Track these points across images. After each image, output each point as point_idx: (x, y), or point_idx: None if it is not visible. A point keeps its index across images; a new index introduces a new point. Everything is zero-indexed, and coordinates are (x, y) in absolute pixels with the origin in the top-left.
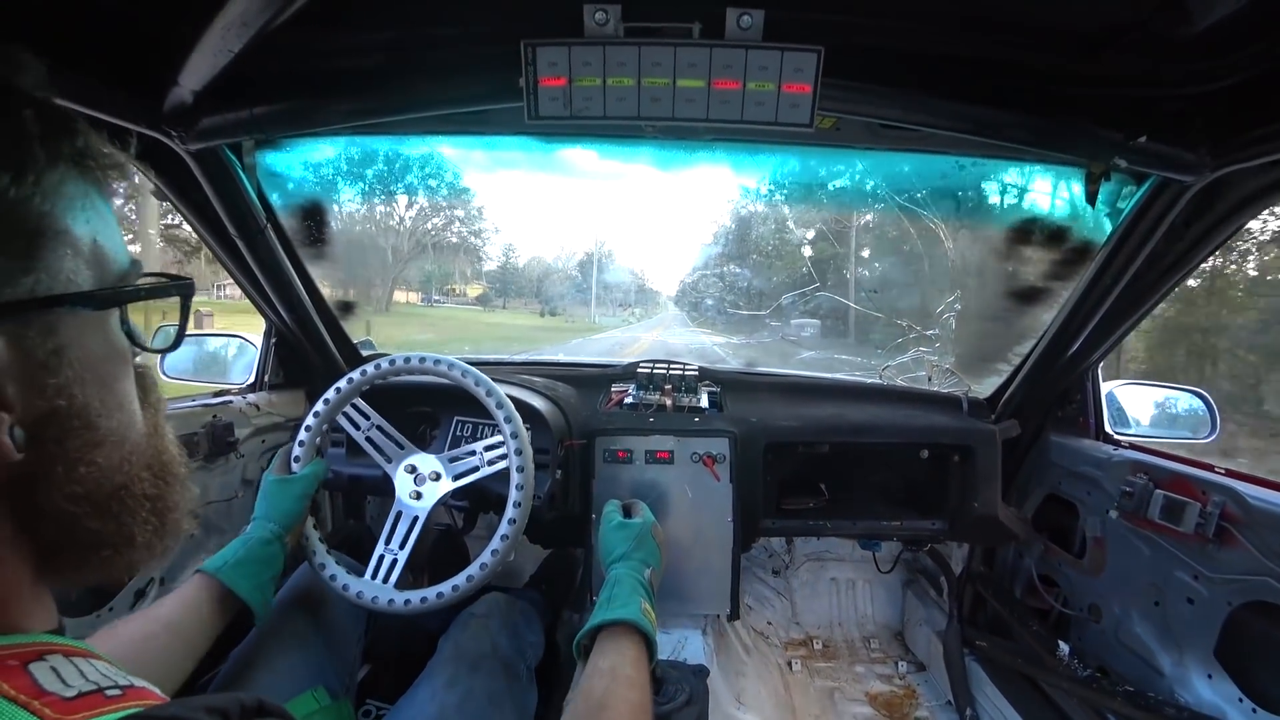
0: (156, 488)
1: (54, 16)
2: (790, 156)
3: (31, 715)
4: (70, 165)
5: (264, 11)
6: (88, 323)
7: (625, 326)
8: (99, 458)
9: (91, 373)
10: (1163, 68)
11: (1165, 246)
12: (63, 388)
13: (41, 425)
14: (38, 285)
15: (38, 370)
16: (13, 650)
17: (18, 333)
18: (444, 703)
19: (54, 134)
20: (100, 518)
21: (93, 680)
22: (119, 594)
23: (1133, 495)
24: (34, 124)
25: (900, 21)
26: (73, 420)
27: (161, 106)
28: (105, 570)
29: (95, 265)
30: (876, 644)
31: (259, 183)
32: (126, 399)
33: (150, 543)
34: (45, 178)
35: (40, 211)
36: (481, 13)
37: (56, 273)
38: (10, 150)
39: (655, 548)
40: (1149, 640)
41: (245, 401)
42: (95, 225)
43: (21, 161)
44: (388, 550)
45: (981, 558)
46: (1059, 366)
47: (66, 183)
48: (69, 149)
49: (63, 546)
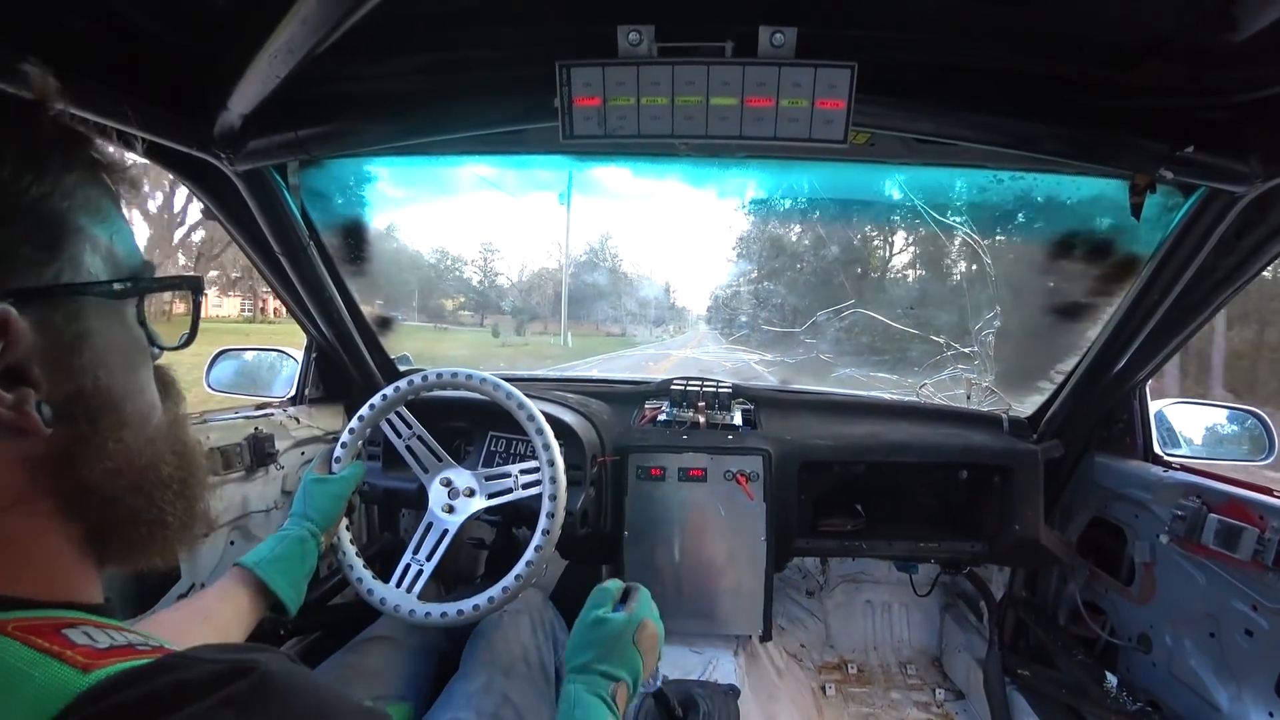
0: (181, 471)
1: (117, 50)
2: (824, 172)
3: (62, 663)
4: (85, 170)
5: (309, 39)
6: (107, 311)
7: (659, 343)
8: (125, 436)
9: (113, 358)
10: (1208, 76)
11: (1215, 260)
12: (86, 369)
13: (70, 403)
14: (61, 274)
15: (63, 352)
16: (47, 620)
17: (44, 316)
18: (478, 709)
19: (69, 142)
20: (135, 494)
21: (124, 640)
22: (161, 599)
23: (1185, 519)
24: (51, 131)
25: (935, 35)
26: (98, 399)
27: (212, 130)
28: (145, 550)
29: (110, 262)
30: (913, 670)
31: (302, 202)
32: (146, 386)
33: (184, 525)
34: (63, 180)
35: (60, 209)
36: (517, 35)
37: (78, 265)
38: (33, 154)
39: (633, 655)
40: (1204, 674)
41: (285, 414)
42: (110, 227)
43: (42, 164)
44: (414, 560)
45: (1023, 582)
46: (1104, 384)
47: (82, 186)
48: (83, 156)
49: (105, 523)
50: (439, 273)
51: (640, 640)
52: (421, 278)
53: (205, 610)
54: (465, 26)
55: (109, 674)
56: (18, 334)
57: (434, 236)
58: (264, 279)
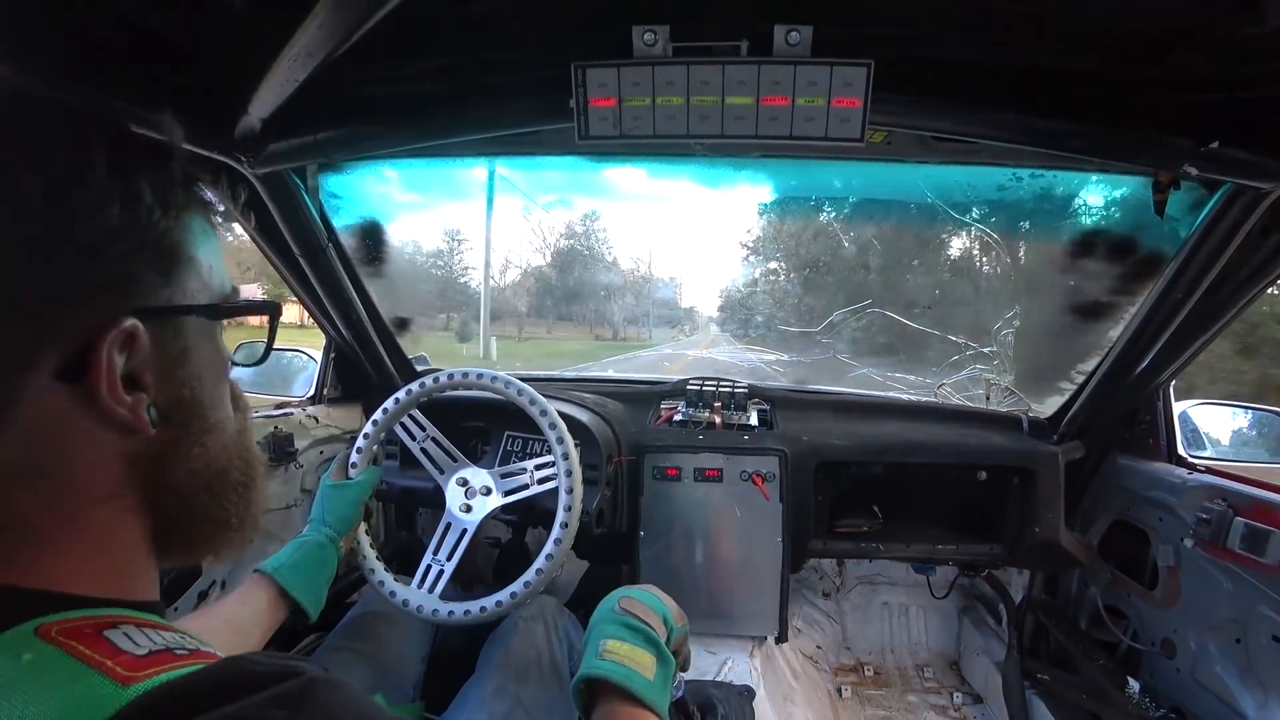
0: (245, 476)
1: (139, 56)
2: (840, 172)
3: (103, 675)
4: (199, 204)
5: (327, 43)
6: (204, 330)
7: (674, 343)
8: (208, 442)
9: (206, 371)
10: (1234, 69)
11: (1242, 257)
12: (186, 380)
13: (171, 408)
14: (175, 296)
15: (170, 364)
16: (90, 620)
17: (157, 332)
18: (491, 712)
19: (189, 182)
20: (208, 494)
21: (162, 643)
22: (183, 596)
23: (1210, 522)
24: (179, 173)
25: (952, 32)
26: (191, 407)
27: (233, 134)
28: (208, 545)
29: (208, 286)
30: (930, 673)
31: (321, 204)
32: (225, 399)
33: (242, 525)
34: (184, 214)
35: (178, 241)
36: (532, 37)
37: (186, 288)
38: (166, 192)
39: (622, 589)
40: (1229, 680)
41: (305, 414)
42: (210, 256)
43: (170, 201)
44: (435, 560)
45: (1043, 585)
46: (1126, 385)
47: (194, 220)
48: (197, 195)
49: (178, 519)
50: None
51: (626, 590)
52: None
53: (226, 615)
54: (481, 29)
55: (147, 689)
56: (141, 346)
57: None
58: (283, 280)
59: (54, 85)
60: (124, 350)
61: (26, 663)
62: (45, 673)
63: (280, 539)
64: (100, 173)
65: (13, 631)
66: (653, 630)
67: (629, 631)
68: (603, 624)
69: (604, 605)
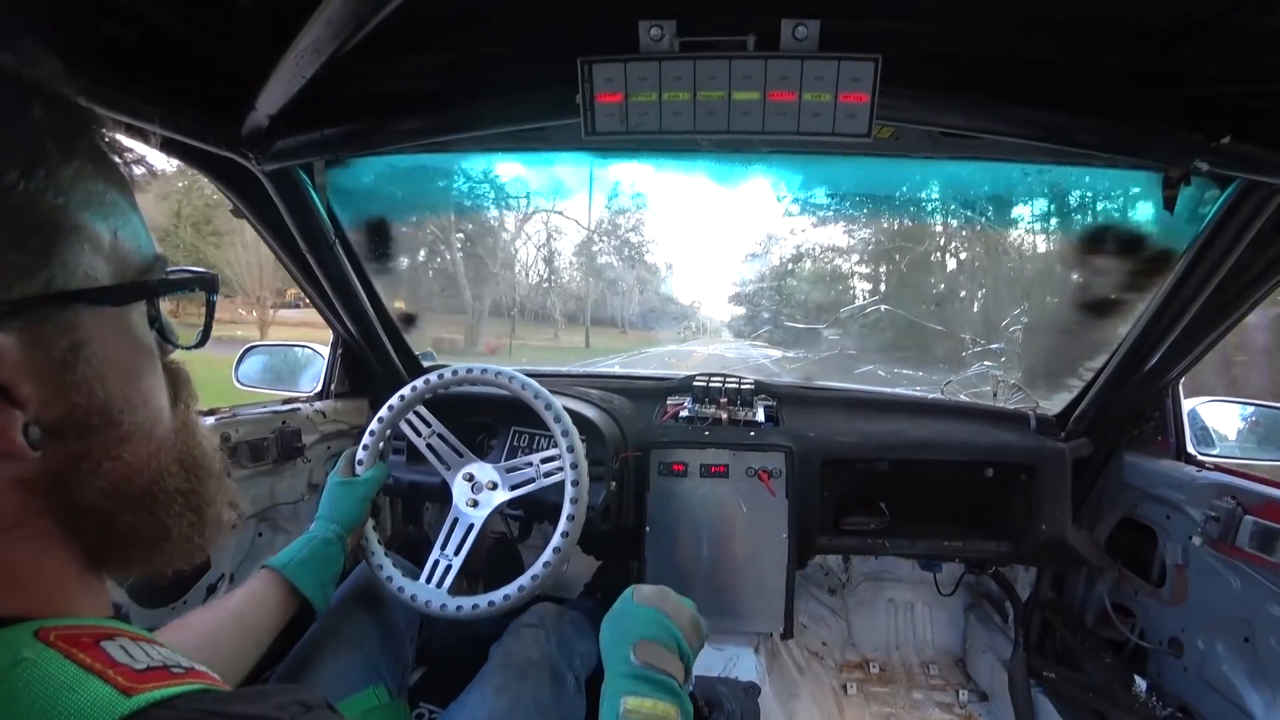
0: (189, 482)
1: (147, 53)
2: (847, 167)
3: (105, 683)
4: (86, 160)
5: (334, 39)
6: (107, 318)
7: (681, 340)
8: (125, 453)
9: (112, 369)
10: (1246, 63)
11: (1253, 254)
12: (81, 384)
13: (62, 423)
14: (53, 281)
15: (55, 368)
16: (87, 630)
17: (34, 330)
18: (493, 709)
19: (67, 129)
20: (134, 512)
21: (158, 659)
22: (192, 589)
23: (1219, 521)
24: (45, 119)
25: (960, 26)
26: (93, 417)
27: (240, 130)
28: (147, 562)
29: (115, 260)
30: (936, 670)
31: (328, 200)
32: (152, 395)
33: (188, 535)
34: (59, 173)
35: (53, 206)
36: (539, 32)
37: (74, 268)
38: (19, 145)
39: (637, 612)
40: (1237, 679)
41: (312, 409)
42: (115, 220)
43: (32, 156)
44: (443, 556)
45: (1050, 583)
46: (1135, 382)
47: (83, 178)
48: (85, 145)
49: (103, 540)
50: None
51: (642, 597)
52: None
53: (235, 611)
54: (488, 24)
55: (150, 701)
56: (0, 353)
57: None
58: (290, 276)
59: (60, 81)
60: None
61: (29, 660)
62: (48, 673)
63: (288, 533)
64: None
65: (11, 630)
66: (672, 678)
67: (649, 685)
68: (621, 678)
69: (617, 647)
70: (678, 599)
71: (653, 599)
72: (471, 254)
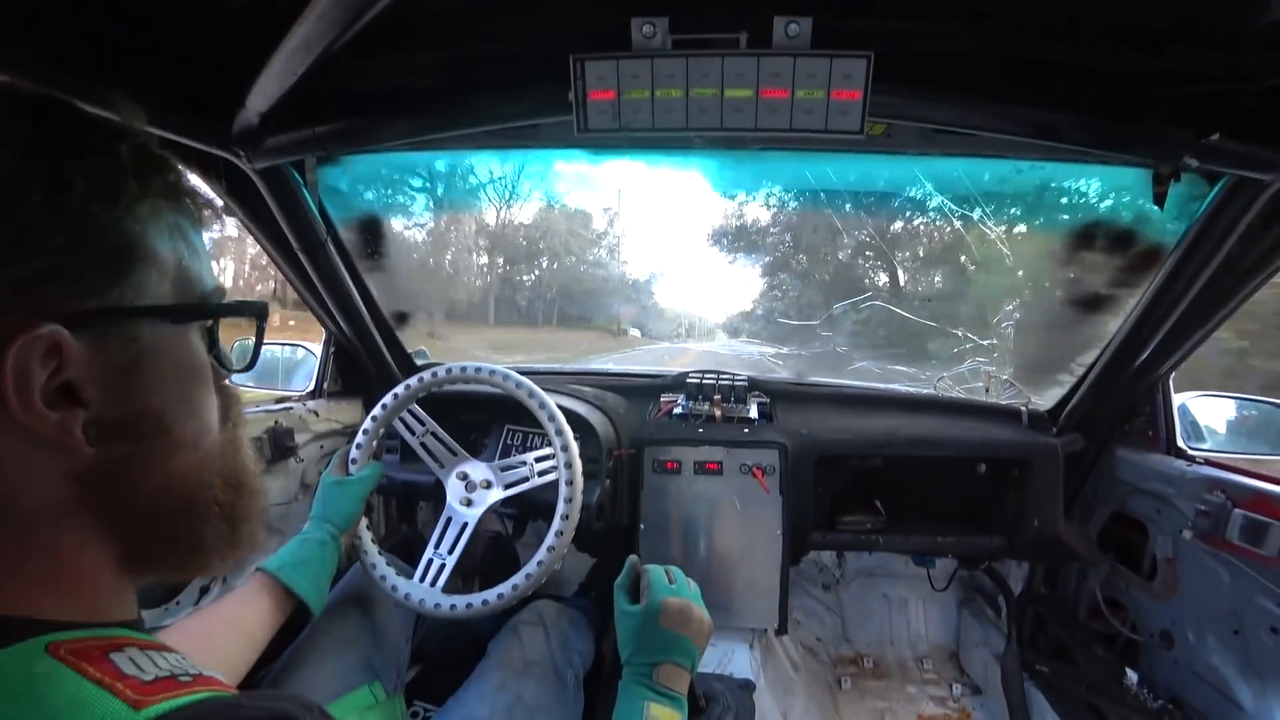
0: (228, 495)
1: (136, 50)
2: (840, 164)
3: (114, 697)
4: (161, 197)
5: (325, 36)
6: (167, 336)
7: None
8: (173, 460)
9: (168, 382)
10: (1236, 60)
11: (1242, 250)
12: (138, 392)
13: (118, 425)
14: (123, 298)
15: (117, 374)
16: (96, 642)
17: (101, 339)
18: (492, 706)
19: (146, 168)
20: (175, 517)
21: (166, 668)
22: (184, 590)
23: (1209, 514)
24: (129, 159)
25: (952, 24)
26: (147, 423)
27: (231, 128)
28: (180, 569)
29: (179, 285)
30: (930, 664)
31: (320, 198)
32: (203, 409)
33: (221, 548)
34: (137, 206)
35: (130, 234)
36: (531, 29)
37: (142, 288)
38: (105, 179)
39: (667, 637)
40: (1227, 671)
41: (305, 408)
42: (181, 250)
43: (115, 189)
44: (437, 554)
45: (1043, 578)
46: (1126, 377)
47: (158, 213)
48: (160, 183)
49: (142, 541)
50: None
51: (669, 621)
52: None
53: (229, 616)
54: (480, 21)
55: (159, 712)
56: (71, 355)
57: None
58: (282, 275)
59: (49, 80)
60: (48, 360)
61: (41, 675)
62: (59, 689)
63: (282, 534)
64: (11, 158)
65: (23, 645)
66: (683, 695)
67: (668, 700)
68: (642, 686)
69: (640, 664)
70: (701, 614)
71: (678, 622)
72: (464, 251)
